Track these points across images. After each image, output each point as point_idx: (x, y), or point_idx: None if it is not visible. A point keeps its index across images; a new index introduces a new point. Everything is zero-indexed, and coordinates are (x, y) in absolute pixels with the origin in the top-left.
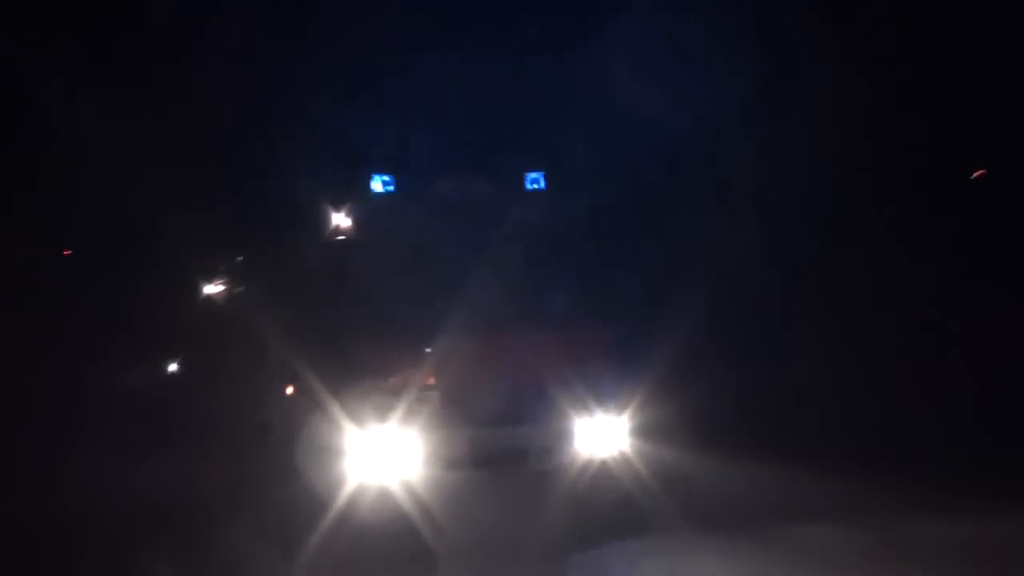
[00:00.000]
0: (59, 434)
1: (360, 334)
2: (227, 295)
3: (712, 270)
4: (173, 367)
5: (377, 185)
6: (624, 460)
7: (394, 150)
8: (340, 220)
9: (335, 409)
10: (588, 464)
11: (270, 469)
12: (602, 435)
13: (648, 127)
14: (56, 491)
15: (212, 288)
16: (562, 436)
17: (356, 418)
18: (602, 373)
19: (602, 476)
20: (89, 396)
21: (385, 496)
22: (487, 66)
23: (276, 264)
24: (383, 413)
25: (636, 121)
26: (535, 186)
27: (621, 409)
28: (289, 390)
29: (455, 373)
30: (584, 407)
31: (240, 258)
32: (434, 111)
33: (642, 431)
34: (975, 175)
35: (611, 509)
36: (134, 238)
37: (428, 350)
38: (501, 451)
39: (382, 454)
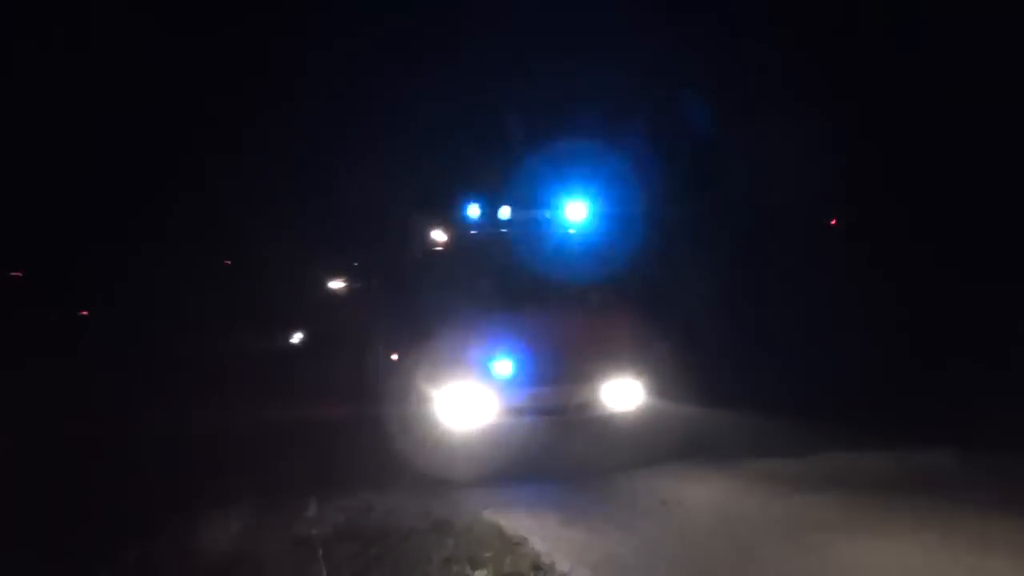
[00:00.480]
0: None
1: (450, 317)
2: (348, 289)
3: (713, 264)
4: (301, 337)
5: (469, 209)
6: (639, 413)
7: (482, 181)
8: (438, 235)
9: (430, 371)
10: (612, 416)
11: (378, 413)
12: (624, 394)
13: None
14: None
15: (336, 283)
16: (595, 394)
17: (447, 378)
18: (625, 347)
19: (622, 424)
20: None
21: (467, 434)
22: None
23: (388, 267)
24: (468, 375)
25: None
26: (575, 213)
27: (638, 374)
28: (395, 356)
29: (519, 346)
30: (611, 372)
31: (356, 264)
32: (510, 154)
33: (654, 391)
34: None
35: (626, 448)
36: (282, 254)
37: (500, 329)
38: (551, 405)
39: (466, 405)
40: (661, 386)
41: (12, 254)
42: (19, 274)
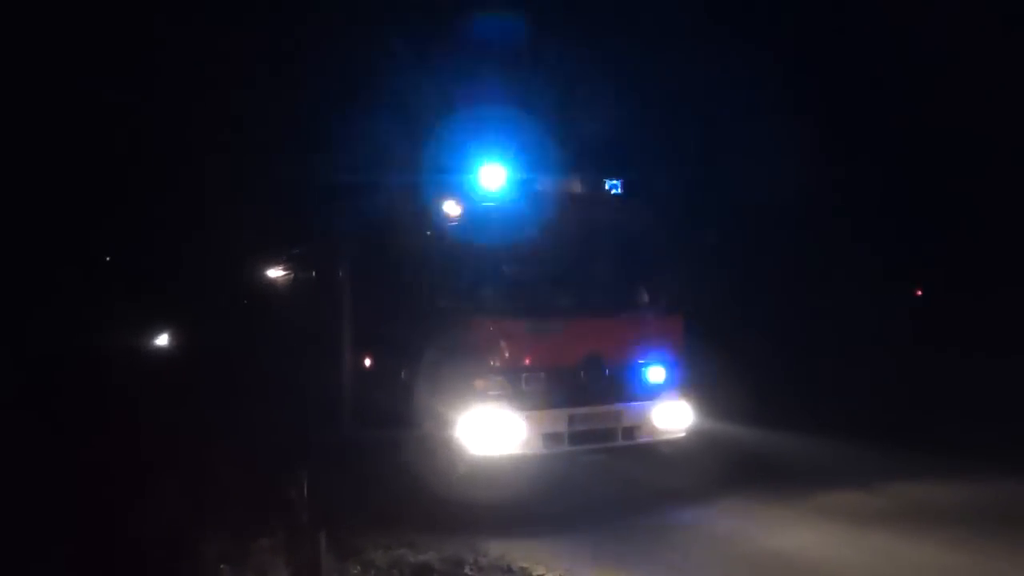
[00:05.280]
0: None
1: (466, 318)
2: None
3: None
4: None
5: (486, 175)
6: (689, 437)
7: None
8: (451, 208)
9: (444, 388)
10: (660, 441)
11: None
12: (673, 415)
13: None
14: None
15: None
16: (645, 417)
17: (465, 398)
18: (676, 360)
19: (671, 450)
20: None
21: (491, 467)
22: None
23: (372, 248)
24: (488, 393)
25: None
26: (613, 189)
27: (688, 391)
28: (368, 362)
29: (552, 355)
30: (661, 390)
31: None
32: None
33: (704, 411)
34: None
35: (677, 479)
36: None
37: (530, 334)
38: (593, 430)
39: (488, 431)
40: (710, 405)
41: None
42: None
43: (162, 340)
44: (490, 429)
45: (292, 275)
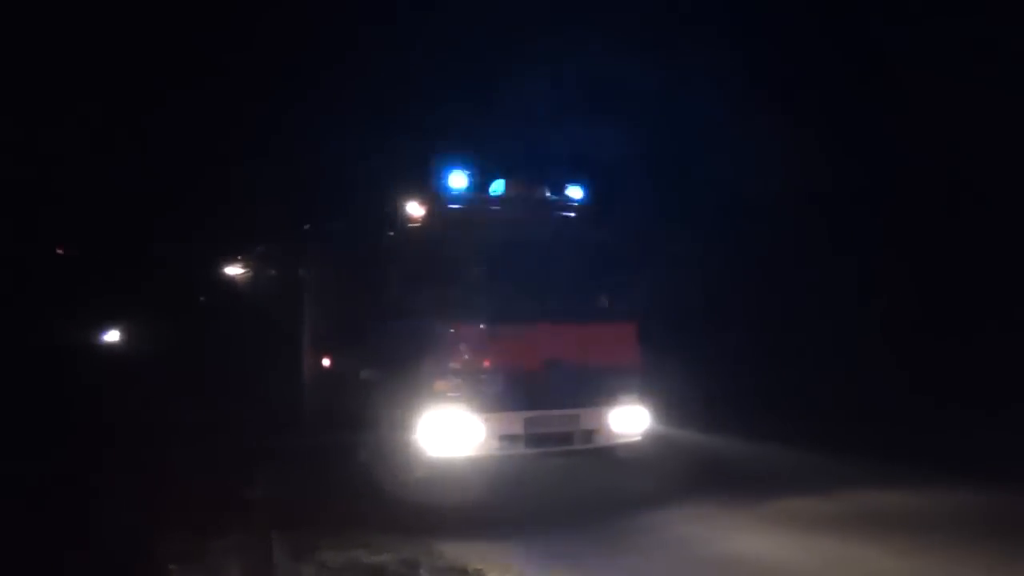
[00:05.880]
0: None
1: (428, 320)
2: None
3: (730, 278)
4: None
5: (451, 178)
6: (646, 441)
7: (468, 148)
8: (414, 209)
9: (403, 390)
10: (616, 446)
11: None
12: (629, 420)
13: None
14: None
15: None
16: (601, 421)
17: (424, 400)
18: (633, 366)
19: (627, 455)
20: None
21: (448, 468)
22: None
23: (335, 248)
24: (447, 395)
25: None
26: (578, 196)
27: (645, 396)
28: (327, 362)
29: (511, 359)
30: (618, 394)
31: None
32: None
33: (660, 416)
34: None
35: (633, 483)
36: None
37: (490, 337)
38: (550, 433)
39: (446, 433)
40: (666, 410)
41: None
42: None
43: (117, 337)
44: (448, 431)
45: (253, 274)
